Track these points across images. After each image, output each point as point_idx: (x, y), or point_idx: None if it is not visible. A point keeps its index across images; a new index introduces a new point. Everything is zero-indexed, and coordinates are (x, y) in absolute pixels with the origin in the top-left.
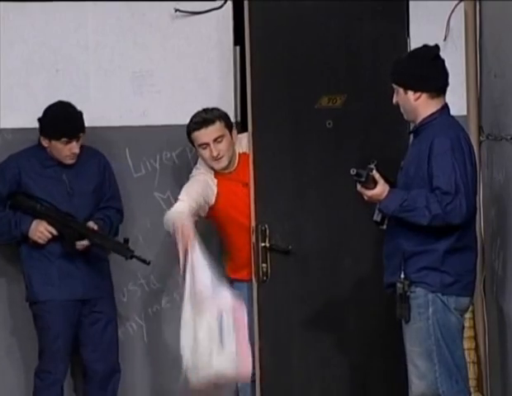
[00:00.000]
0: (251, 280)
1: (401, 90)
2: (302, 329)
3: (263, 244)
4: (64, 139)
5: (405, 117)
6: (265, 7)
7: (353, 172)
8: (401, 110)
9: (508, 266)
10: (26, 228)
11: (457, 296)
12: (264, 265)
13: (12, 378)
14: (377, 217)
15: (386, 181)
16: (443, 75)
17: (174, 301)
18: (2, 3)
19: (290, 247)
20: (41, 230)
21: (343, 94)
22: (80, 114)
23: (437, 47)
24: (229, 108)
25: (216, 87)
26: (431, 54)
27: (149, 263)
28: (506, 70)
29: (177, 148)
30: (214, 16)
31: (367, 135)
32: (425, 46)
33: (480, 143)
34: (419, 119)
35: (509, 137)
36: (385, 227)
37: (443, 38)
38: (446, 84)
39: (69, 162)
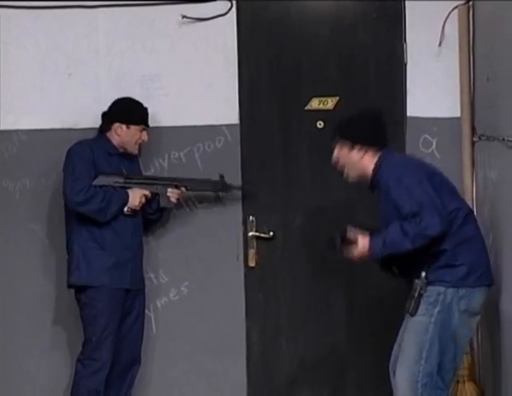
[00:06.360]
0: None
1: (348, 146)
2: (289, 313)
3: (250, 234)
4: (142, 125)
5: (350, 179)
6: (255, 9)
7: (331, 246)
8: (345, 171)
9: (499, 261)
10: (126, 199)
11: (472, 288)
12: (252, 250)
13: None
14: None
15: (360, 234)
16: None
17: (182, 294)
18: (18, 10)
19: (271, 233)
20: (140, 196)
21: (335, 96)
22: None
23: (379, 111)
24: (234, 110)
25: (222, 89)
26: (375, 115)
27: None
28: (499, 73)
29: (185, 148)
30: (219, 22)
31: None
32: (370, 109)
33: (473, 143)
34: (370, 174)
35: (501, 138)
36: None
37: (438, 43)
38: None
39: (135, 151)
